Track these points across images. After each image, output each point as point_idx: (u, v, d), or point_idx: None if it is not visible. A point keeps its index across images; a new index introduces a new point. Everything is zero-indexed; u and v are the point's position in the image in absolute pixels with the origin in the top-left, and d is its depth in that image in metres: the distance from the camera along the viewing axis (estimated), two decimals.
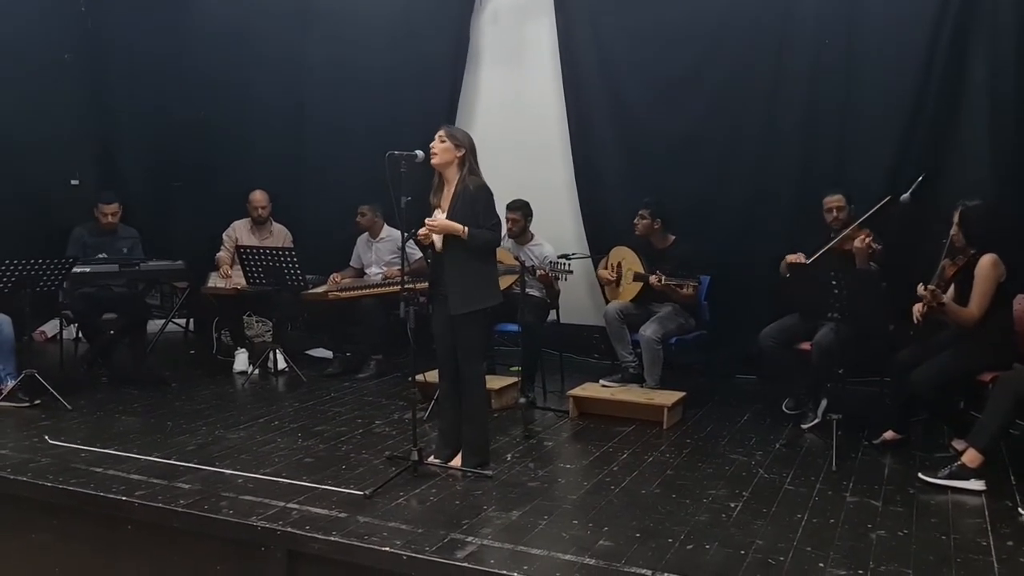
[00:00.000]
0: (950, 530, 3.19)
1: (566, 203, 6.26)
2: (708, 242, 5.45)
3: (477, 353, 3.85)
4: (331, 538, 3.05)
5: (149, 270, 5.79)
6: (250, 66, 7.11)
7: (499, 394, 4.97)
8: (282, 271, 5.53)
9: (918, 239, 4.83)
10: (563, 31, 6.13)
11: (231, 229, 6.33)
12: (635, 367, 5.08)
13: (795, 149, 5.45)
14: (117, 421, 4.68)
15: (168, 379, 5.58)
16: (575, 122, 6.14)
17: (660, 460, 4.05)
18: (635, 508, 3.41)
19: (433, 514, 3.31)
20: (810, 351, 4.55)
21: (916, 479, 3.69)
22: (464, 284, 3.69)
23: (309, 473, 3.78)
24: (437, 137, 3.72)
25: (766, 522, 3.26)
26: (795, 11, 5.39)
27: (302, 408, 5.00)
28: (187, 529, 3.31)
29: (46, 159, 6.80)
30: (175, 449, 4.13)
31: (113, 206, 5.74)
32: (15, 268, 4.77)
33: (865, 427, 4.36)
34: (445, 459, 3.87)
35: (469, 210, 3.67)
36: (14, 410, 4.78)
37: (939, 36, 4.96)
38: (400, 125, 6.37)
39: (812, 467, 3.92)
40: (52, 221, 6.51)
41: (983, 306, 3.90)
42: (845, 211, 4.70)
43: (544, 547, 2.99)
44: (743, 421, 4.75)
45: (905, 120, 5.09)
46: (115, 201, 5.77)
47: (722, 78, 5.62)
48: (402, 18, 6.61)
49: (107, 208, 5.72)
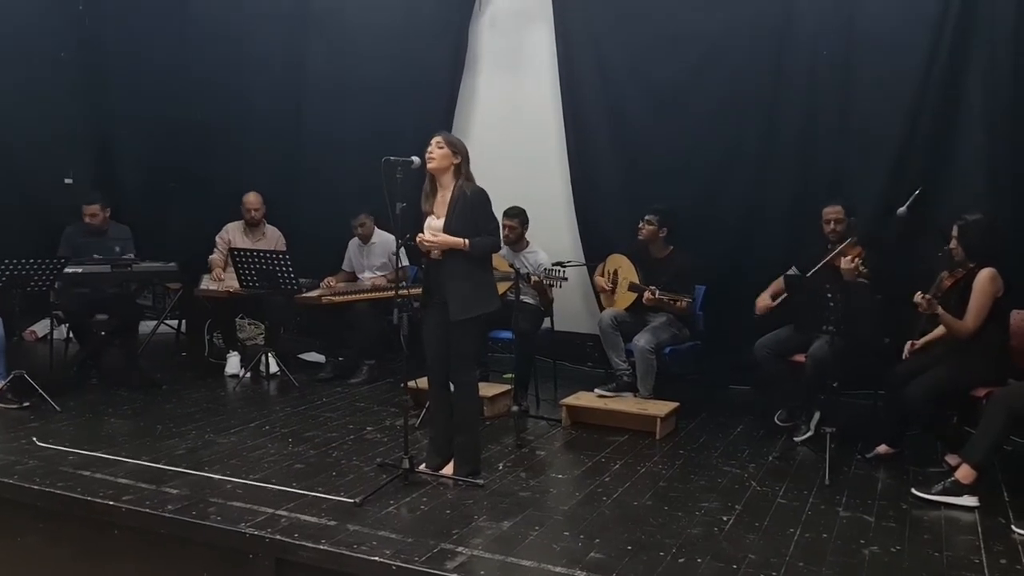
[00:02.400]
0: (943, 547, 3.18)
1: (562, 211, 6.24)
2: (704, 252, 5.43)
3: (471, 360, 3.83)
4: (320, 546, 3.03)
5: (141, 271, 5.73)
6: (248, 69, 7.09)
7: (492, 402, 4.95)
8: (275, 274, 5.49)
9: (914, 252, 4.83)
10: (561, 38, 6.10)
11: (224, 231, 6.29)
12: (629, 375, 5.07)
13: (792, 161, 5.43)
14: (106, 424, 4.64)
15: (159, 381, 5.54)
16: (572, 129, 6.12)
17: (653, 471, 4.03)
18: (627, 520, 3.38)
19: (423, 523, 3.28)
20: (804, 363, 4.54)
21: (909, 494, 3.67)
22: (464, 290, 3.67)
23: (299, 480, 3.75)
24: (434, 143, 3.70)
25: (758, 536, 3.25)
26: (794, 21, 5.37)
27: (293, 413, 4.97)
28: (174, 535, 3.29)
29: (41, 158, 6.77)
30: (164, 453, 4.10)
31: (95, 207, 5.67)
32: (6, 267, 4.72)
33: (859, 440, 4.34)
34: (436, 467, 3.84)
35: (468, 216, 3.65)
36: (3, 411, 4.75)
37: (937, 49, 4.95)
38: (397, 131, 6.31)
39: (805, 480, 3.90)
40: (45, 220, 6.45)
41: (979, 319, 3.90)
42: (844, 223, 4.68)
43: (535, 558, 2.97)
44: (736, 432, 4.73)
45: (903, 133, 5.07)
46: (97, 202, 5.70)
47: (720, 88, 5.60)
48: (401, 23, 6.58)
49: (88, 209, 5.66)
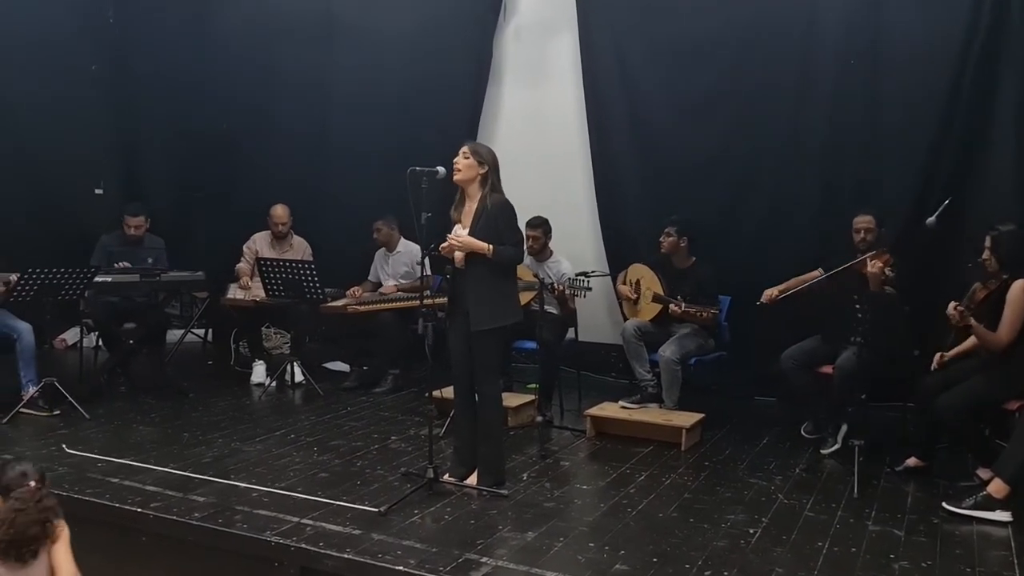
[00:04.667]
0: (975, 562, 3.12)
1: (586, 220, 6.23)
2: (728, 262, 5.40)
3: (494, 370, 3.82)
4: (345, 555, 3.04)
5: (170, 280, 5.77)
6: (273, 81, 7.15)
7: (516, 412, 4.94)
8: (301, 284, 5.53)
9: (943, 263, 4.77)
10: (585, 48, 6.11)
11: (251, 241, 6.35)
12: (653, 385, 5.04)
13: (817, 170, 5.41)
14: (134, 431, 4.69)
15: (186, 389, 5.59)
16: (596, 139, 6.12)
17: (678, 483, 4.00)
18: (652, 532, 3.36)
19: (448, 533, 3.28)
20: (832, 374, 4.50)
21: (940, 508, 3.61)
22: (486, 300, 3.66)
23: (324, 488, 3.76)
24: (461, 153, 3.70)
25: (786, 549, 3.21)
26: (820, 29, 5.35)
27: (318, 422, 4.99)
28: (201, 542, 3.31)
29: (71, 168, 6.87)
30: (191, 461, 4.13)
31: (139, 219, 5.73)
32: (38, 276, 4.79)
33: (887, 453, 4.29)
34: (460, 477, 3.84)
35: (492, 227, 3.65)
36: (34, 418, 4.81)
37: (967, 58, 4.91)
38: (421, 141, 6.33)
39: (833, 494, 3.86)
40: (75, 229, 6.57)
41: (1013, 331, 3.82)
42: (874, 232, 4.64)
43: (559, 569, 2.96)
44: (762, 444, 4.69)
45: (931, 143, 5.03)
46: (141, 213, 5.75)
47: (745, 97, 5.58)
48: (425, 35, 6.61)
49: (132, 220, 5.72)
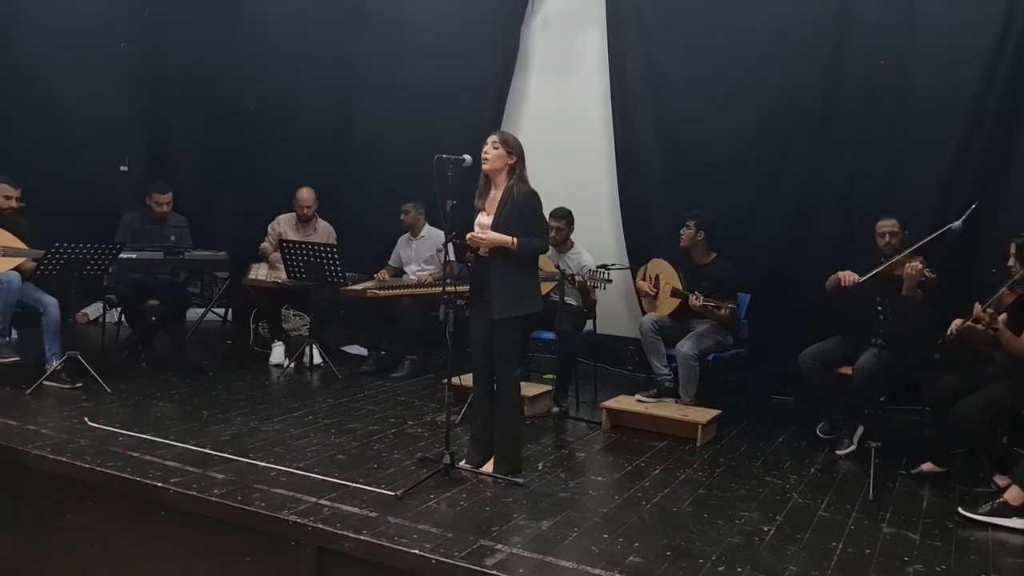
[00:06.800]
0: (990, 568, 3.11)
1: (608, 213, 6.23)
2: (750, 259, 5.40)
3: (511, 359, 3.84)
4: (362, 537, 3.07)
5: (193, 259, 5.83)
6: (300, 65, 7.19)
7: (532, 401, 4.96)
8: (322, 267, 5.57)
9: (968, 268, 4.73)
10: (613, 41, 6.09)
11: (276, 222, 6.40)
12: (670, 380, 5.05)
13: (843, 170, 5.36)
14: (155, 407, 4.75)
15: (206, 368, 5.65)
16: (621, 132, 6.10)
17: (693, 478, 4.01)
18: (666, 525, 3.37)
19: (463, 519, 3.31)
20: (850, 375, 4.48)
21: (956, 513, 3.60)
22: (509, 290, 3.68)
23: (341, 470, 3.80)
24: (490, 142, 3.70)
25: (800, 548, 3.21)
26: (849, 30, 5.30)
27: (336, 404, 5.03)
28: (219, 519, 3.35)
29: (97, 145, 6.92)
30: (210, 438, 4.18)
31: (167, 195, 5.79)
32: (64, 251, 4.84)
33: (903, 456, 4.28)
34: (476, 464, 3.87)
35: (517, 216, 3.66)
36: (56, 390, 4.88)
37: (998, 61, 4.86)
38: (446, 128, 6.35)
39: (848, 495, 3.85)
40: (100, 206, 6.62)
41: None
42: (898, 236, 4.61)
43: (573, 559, 2.98)
44: (778, 443, 4.68)
45: (958, 147, 4.98)
46: (169, 191, 5.81)
47: (772, 94, 5.55)
48: (452, 23, 6.62)
49: (161, 198, 5.77)
